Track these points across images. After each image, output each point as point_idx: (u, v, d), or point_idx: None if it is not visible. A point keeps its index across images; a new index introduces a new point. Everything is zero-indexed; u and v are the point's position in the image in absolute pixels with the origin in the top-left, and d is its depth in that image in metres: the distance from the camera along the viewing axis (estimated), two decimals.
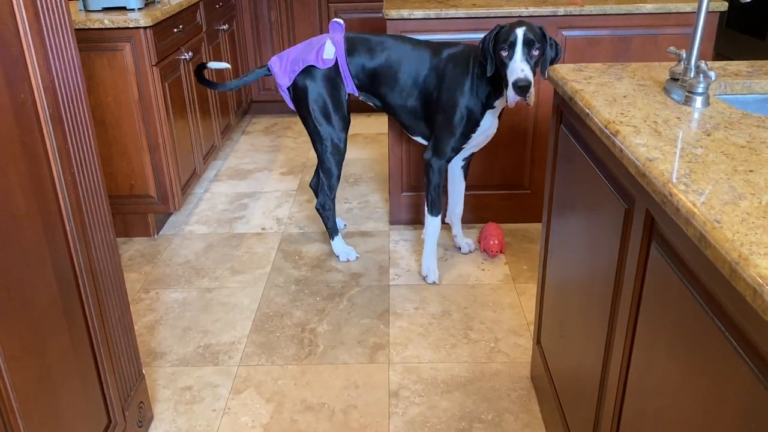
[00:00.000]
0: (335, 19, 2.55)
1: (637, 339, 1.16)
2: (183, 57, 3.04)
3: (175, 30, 2.96)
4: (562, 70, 1.61)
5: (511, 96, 2.07)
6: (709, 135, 1.15)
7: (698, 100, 1.29)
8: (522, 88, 2.02)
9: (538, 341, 1.93)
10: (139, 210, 2.92)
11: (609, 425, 1.30)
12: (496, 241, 2.68)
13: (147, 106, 2.71)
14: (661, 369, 1.04)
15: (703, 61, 1.30)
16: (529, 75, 2.03)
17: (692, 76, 1.33)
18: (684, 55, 1.37)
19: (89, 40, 2.61)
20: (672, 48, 1.41)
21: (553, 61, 2.16)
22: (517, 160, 2.87)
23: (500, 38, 2.09)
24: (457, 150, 2.38)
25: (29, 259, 1.28)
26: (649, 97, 1.37)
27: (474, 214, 2.97)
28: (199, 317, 2.36)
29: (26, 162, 1.27)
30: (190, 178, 3.17)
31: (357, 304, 2.42)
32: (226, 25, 3.87)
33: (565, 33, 2.65)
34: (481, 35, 2.65)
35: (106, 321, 1.61)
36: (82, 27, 2.57)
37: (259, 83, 4.48)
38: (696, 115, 1.26)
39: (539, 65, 2.14)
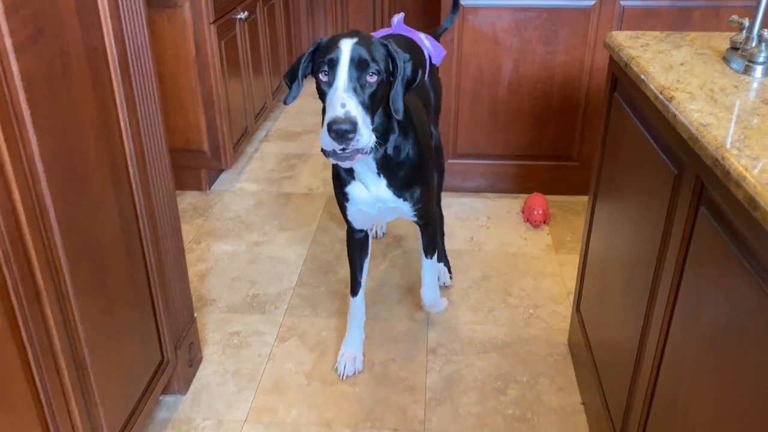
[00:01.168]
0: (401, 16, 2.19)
1: (677, 307, 1.17)
2: (239, 16, 3.09)
3: None
4: (619, 37, 1.60)
5: (324, 140, 1.38)
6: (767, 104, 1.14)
7: (758, 70, 1.28)
8: (339, 133, 1.34)
9: (577, 308, 1.95)
10: (193, 165, 3.01)
11: (644, 393, 1.32)
12: (540, 212, 2.69)
13: (203, 63, 2.78)
14: (702, 336, 1.05)
15: (765, 30, 1.28)
16: (354, 112, 1.35)
17: (753, 45, 1.31)
18: (746, 24, 1.35)
19: None
20: (734, 17, 1.39)
21: (410, 87, 1.54)
22: (566, 131, 2.85)
23: (319, 55, 1.46)
24: (348, 222, 1.85)
25: (97, 200, 1.35)
26: (707, 66, 1.36)
27: (519, 184, 2.97)
28: (247, 269, 2.45)
29: (97, 108, 1.34)
30: (242, 136, 3.25)
31: (398, 266, 2.47)
32: None
33: (623, 2, 2.60)
34: None
35: (162, 264, 1.69)
36: None
37: (310, 42, 4.51)
38: (755, 85, 1.24)
39: (380, 97, 1.47)
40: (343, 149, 1.38)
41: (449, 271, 2.37)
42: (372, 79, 1.43)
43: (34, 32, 1.12)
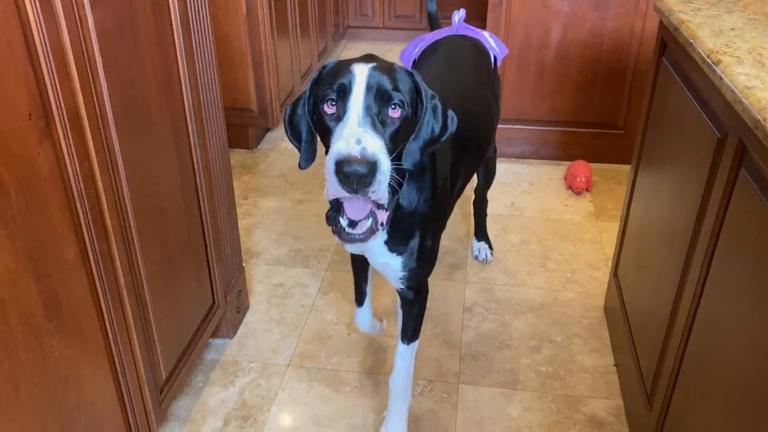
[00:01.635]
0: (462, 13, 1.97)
1: (712, 269, 1.20)
2: None
3: None
4: (670, 1, 1.59)
5: (331, 185, 1.08)
6: None
7: None
8: (351, 178, 1.04)
9: (615, 273, 1.98)
10: (241, 123, 3.10)
11: (674, 354, 1.36)
12: (583, 179, 2.69)
13: (253, 23, 2.84)
14: (734, 299, 1.08)
15: None
16: (371, 149, 1.05)
17: None
18: None
19: None
20: None
21: (437, 140, 1.24)
22: (613, 98, 2.84)
23: (323, 82, 1.16)
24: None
25: (159, 149, 1.44)
26: (758, 31, 1.36)
27: (563, 151, 2.98)
28: (292, 224, 2.54)
29: (160, 61, 1.41)
30: (288, 96, 3.31)
31: None
32: None
33: None
34: None
35: (215, 215, 1.78)
36: None
37: (356, 8, 4.53)
38: None
39: (402, 138, 1.18)
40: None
41: (490, 248, 2.32)
42: (395, 113, 1.13)
43: None
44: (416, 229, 1.39)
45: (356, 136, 1.05)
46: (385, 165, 1.07)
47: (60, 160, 1.09)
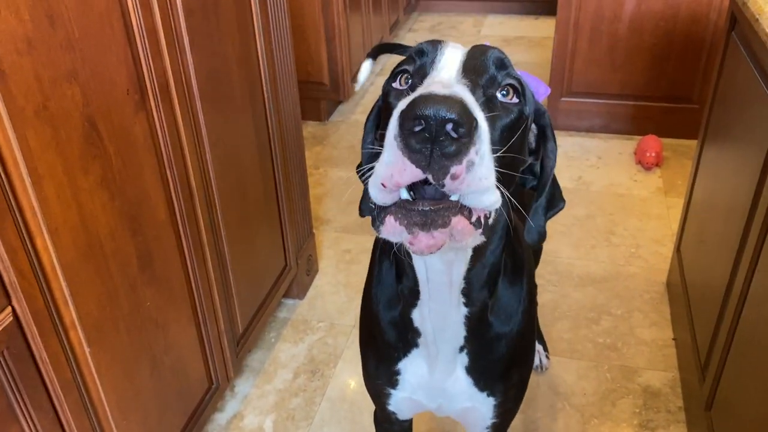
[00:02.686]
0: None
1: (764, 249, 1.21)
2: None
3: None
4: None
5: (381, 168, 0.61)
6: None
7: None
8: (424, 121, 0.55)
9: (678, 249, 1.98)
10: (313, 95, 3.21)
11: (727, 328, 1.38)
12: (653, 154, 2.67)
13: None
14: None
15: None
16: (466, 95, 0.61)
17: None
18: None
19: None
20: None
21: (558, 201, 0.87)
22: (688, 72, 2.77)
23: (398, 70, 0.77)
24: (385, 412, 1.13)
25: (238, 118, 1.55)
26: None
27: (634, 125, 2.94)
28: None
29: (239, 36, 1.52)
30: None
31: None
32: None
33: None
34: None
35: (289, 181, 1.89)
36: None
37: None
38: None
39: (517, 153, 0.75)
40: (426, 191, 0.63)
41: (545, 350, 1.83)
42: (509, 98, 0.73)
43: None
44: (514, 359, 1.00)
45: (440, 83, 0.63)
46: (488, 142, 0.61)
47: (153, 130, 1.21)
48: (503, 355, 0.97)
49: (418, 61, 0.73)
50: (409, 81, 0.73)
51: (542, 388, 1.74)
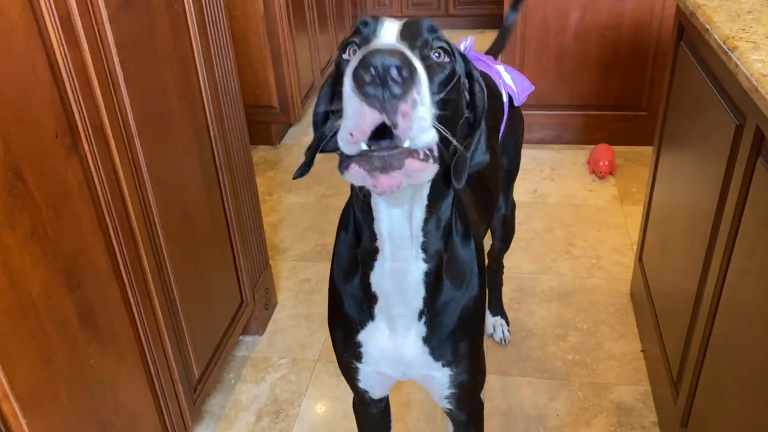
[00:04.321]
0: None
1: (734, 256, 1.20)
2: None
3: None
4: None
5: (348, 117, 0.68)
6: None
7: None
8: (373, 71, 0.64)
9: (639, 258, 1.97)
10: (263, 120, 3.13)
11: (700, 338, 1.36)
12: (606, 163, 2.67)
13: (271, 19, 2.86)
14: (755, 285, 1.08)
15: None
16: (408, 52, 0.67)
17: None
18: None
19: None
20: None
21: (476, 121, 0.90)
22: (635, 80, 2.80)
23: (346, 42, 0.84)
24: (359, 392, 1.21)
25: (182, 153, 1.47)
26: None
27: (586, 135, 2.95)
28: (317, 219, 2.57)
29: (179, 67, 1.44)
30: (309, 91, 3.34)
31: None
32: None
33: None
34: None
35: (240, 213, 1.81)
36: None
37: None
38: None
39: (454, 111, 0.82)
40: (381, 145, 0.69)
41: (507, 324, 1.96)
42: (441, 58, 0.81)
43: (125, 1, 1.21)
44: (467, 324, 1.03)
45: (386, 45, 0.69)
46: (426, 85, 0.69)
47: (87, 174, 1.13)
48: (456, 322, 1.01)
49: (363, 33, 0.81)
50: (356, 51, 0.80)
51: (514, 411, 1.70)
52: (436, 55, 0.81)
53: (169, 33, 1.40)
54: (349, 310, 1.04)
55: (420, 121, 0.68)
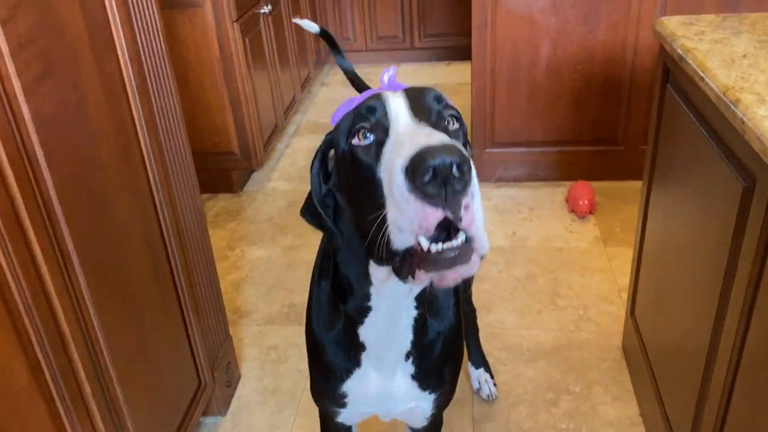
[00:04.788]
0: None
1: (757, 307, 1.05)
2: (263, 11, 3.00)
3: None
4: (670, 24, 1.46)
5: (405, 217, 0.69)
6: None
7: None
8: (437, 172, 0.65)
9: (631, 312, 1.83)
10: (223, 167, 2.96)
11: (716, 403, 1.21)
12: (586, 202, 2.56)
13: (228, 63, 2.71)
14: None
15: None
16: (447, 139, 0.70)
17: None
18: None
19: None
20: None
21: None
22: (610, 113, 2.70)
23: (339, 134, 0.86)
24: (332, 425, 1.23)
25: (122, 232, 1.30)
26: None
27: (562, 171, 2.84)
28: (283, 275, 2.39)
29: (115, 134, 1.27)
30: (272, 134, 3.18)
31: None
32: None
33: None
34: None
35: (194, 284, 1.64)
36: None
37: (337, 32, 4.40)
38: None
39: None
40: (448, 230, 0.69)
41: (492, 377, 1.83)
42: (453, 126, 0.84)
43: (45, 69, 1.05)
44: (451, 355, 1.09)
45: (422, 132, 0.72)
46: (469, 156, 0.69)
47: (1, 276, 0.95)
48: (440, 353, 1.05)
49: (372, 118, 0.80)
50: (370, 136, 0.80)
51: None
52: (447, 123, 0.83)
53: (103, 99, 1.23)
54: (333, 360, 1.04)
55: (479, 212, 0.70)
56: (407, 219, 0.68)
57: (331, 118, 1.81)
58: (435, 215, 0.67)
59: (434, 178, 0.65)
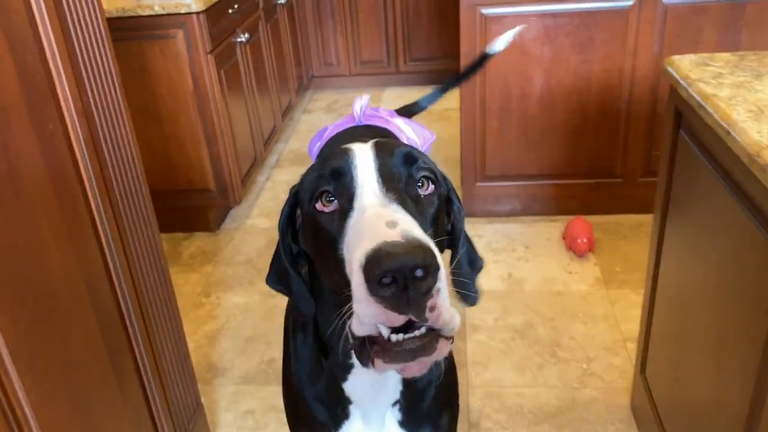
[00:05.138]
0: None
1: None
2: (239, 39, 2.85)
3: (230, 11, 2.76)
4: (683, 64, 1.32)
5: (363, 310, 0.64)
6: None
7: None
8: (395, 275, 0.60)
9: (641, 370, 1.68)
10: (199, 204, 2.79)
11: None
12: (585, 240, 2.41)
13: (203, 96, 2.55)
14: None
15: None
16: (417, 231, 0.64)
17: None
18: None
19: (141, 28, 2.44)
20: None
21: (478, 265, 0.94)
22: (607, 145, 2.57)
23: (304, 189, 0.81)
24: None
25: (70, 323, 1.12)
26: None
27: (558, 205, 2.70)
28: (262, 326, 2.22)
29: (59, 206, 1.10)
30: (251, 167, 3.02)
31: None
32: None
33: (666, 0, 2.30)
34: None
35: (157, 352, 1.46)
36: (133, 15, 2.41)
37: (319, 57, 4.26)
38: None
39: (442, 228, 0.82)
40: (409, 328, 0.65)
41: None
42: (426, 189, 0.77)
43: None
44: (445, 397, 1.04)
45: (385, 218, 0.65)
46: (435, 250, 0.63)
47: None
48: (432, 399, 1.00)
49: (337, 182, 0.76)
50: (333, 201, 0.76)
51: None
52: (420, 185, 0.78)
53: (42, 166, 1.06)
54: (318, 415, 0.99)
55: (447, 308, 0.65)
56: (368, 316, 0.64)
57: (308, 148, 1.65)
58: (397, 319, 0.63)
59: (394, 283, 0.60)
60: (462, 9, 2.40)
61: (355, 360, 0.86)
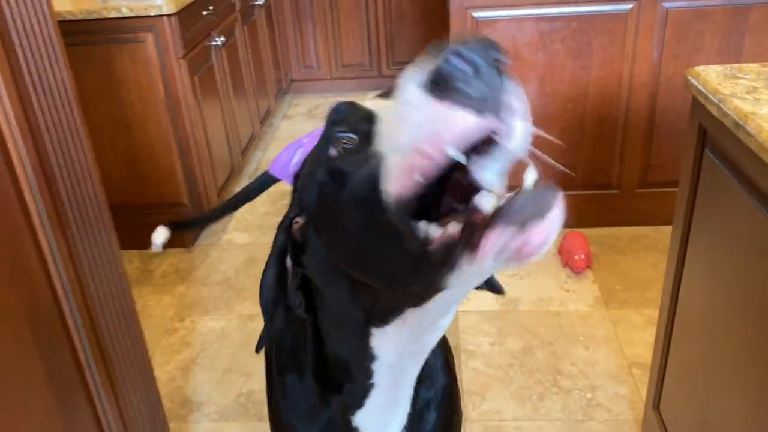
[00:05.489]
0: None
1: None
2: (214, 43, 2.68)
3: (205, 12, 2.59)
4: (709, 77, 1.19)
5: (425, 130, 0.51)
6: None
7: None
8: (469, 61, 0.49)
9: (655, 405, 1.55)
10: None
11: None
12: (582, 256, 2.28)
13: (175, 104, 2.37)
14: None
15: None
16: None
17: None
18: None
19: (107, 31, 2.26)
20: None
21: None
22: (604, 155, 2.45)
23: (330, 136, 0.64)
24: None
25: (9, 404, 0.95)
26: None
27: None
28: (239, 354, 2.06)
29: (9, 260, 0.94)
30: (228, 178, 2.85)
31: None
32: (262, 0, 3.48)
33: (667, 4, 2.19)
34: None
35: (120, 398, 1.30)
36: (99, 17, 2.23)
37: (299, 60, 4.09)
38: None
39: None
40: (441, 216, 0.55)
41: None
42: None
43: None
44: (447, 420, 0.96)
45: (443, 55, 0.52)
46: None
47: None
48: (434, 424, 0.91)
49: (351, 121, 0.62)
50: (349, 142, 0.61)
51: None
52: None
53: None
54: None
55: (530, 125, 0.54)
56: (424, 128, 0.50)
57: (270, 166, 1.29)
58: (464, 120, 0.49)
59: (465, 71, 0.49)
60: (452, 12, 2.26)
61: (376, 379, 0.76)
